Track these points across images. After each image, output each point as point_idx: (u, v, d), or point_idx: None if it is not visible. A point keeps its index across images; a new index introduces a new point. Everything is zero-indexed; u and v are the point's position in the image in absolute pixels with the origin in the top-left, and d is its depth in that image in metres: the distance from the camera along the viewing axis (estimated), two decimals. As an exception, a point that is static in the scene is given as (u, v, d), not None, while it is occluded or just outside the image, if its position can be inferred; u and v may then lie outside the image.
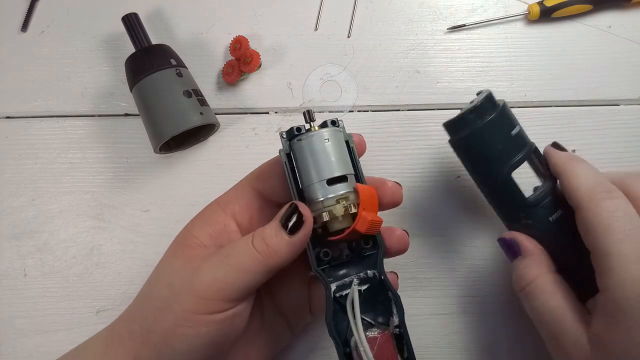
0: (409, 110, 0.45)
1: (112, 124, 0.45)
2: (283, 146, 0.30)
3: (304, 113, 0.30)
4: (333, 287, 0.30)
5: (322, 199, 0.29)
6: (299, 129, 0.30)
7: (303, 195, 0.30)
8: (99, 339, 0.31)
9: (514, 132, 0.32)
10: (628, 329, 0.25)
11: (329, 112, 0.45)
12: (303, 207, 0.28)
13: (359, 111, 0.45)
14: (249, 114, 0.45)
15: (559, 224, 0.31)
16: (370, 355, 0.27)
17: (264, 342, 0.34)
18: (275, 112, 0.45)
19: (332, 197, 0.29)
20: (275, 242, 0.28)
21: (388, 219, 0.33)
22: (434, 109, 0.45)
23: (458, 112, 0.33)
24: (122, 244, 0.43)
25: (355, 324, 0.27)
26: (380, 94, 0.45)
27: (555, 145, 0.34)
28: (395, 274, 0.34)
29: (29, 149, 0.45)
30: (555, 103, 0.45)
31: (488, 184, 0.34)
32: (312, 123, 0.30)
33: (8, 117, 0.46)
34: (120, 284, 0.42)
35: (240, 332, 0.30)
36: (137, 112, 0.43)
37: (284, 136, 0.30)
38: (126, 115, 0.46)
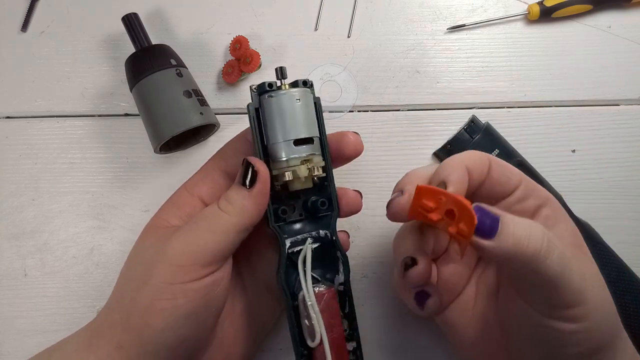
0: (409, 110, 0.45)
1: (112, 124, 0.45)
2: (252, 100, 0.30)
3: (276, 69, 0.30)
4: (287, 243, 0.30)
5: (286, 158, 0.29)
6: (270, 84, 0.30)
7: (267, 152, 0.30)
8: (82, 333, 0.31)
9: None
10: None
11: (329, 112, 0.45)
12: (256, 161, 0.29)
13: (359, 111, 0.45)
14: (249, 114, 0.45)
15: None
16: (317, 308, 0.28)
17: (252, 320, 0.34)
18: (275, 112, 0.45)
19: (297, 157, 0.29)
20: (237, 199, 0.29)
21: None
22: (434, 109, 0.45)
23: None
24: (123, 244, 0.43)
25: (306, 279, 0.29)
26: (380, 94, 0.45)
27: None
28: (347, 232, 0.35)
29: (29, 149, 0.45)
30: (555, 103, 0.45)
31: None
32: (283, 80, 0.30)
33: (8, 117, 0.46)
34: (121, 284, 0.42)
35: (222, 304, 0.30)
36: (137, 112, 0.43)
37: (255, 90, 0.30)
38: (126, 115, 0.46)
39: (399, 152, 0.44)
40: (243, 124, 0.45)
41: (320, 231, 0.31)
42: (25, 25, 0.47)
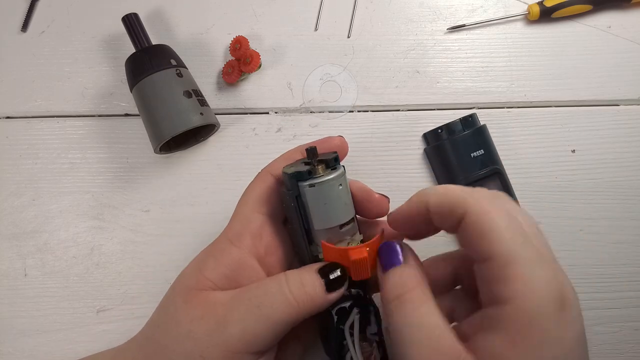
0: (408, 110, 0.45)
1: (112, 124, 0.45)
2: (289, 187, 0.29)
3: (307, 150, 0.29)
4: (334, 314, 0.30)
5: (335, 243, 0.29)
6: (309, 172, 0.28)
7: (310, 235, 0.30)
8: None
9: (475, 154, 0.41)
10: (541, 342, 0.21)
11: (329, 112, 0.45)
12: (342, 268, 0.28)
13: (359, 111, 0.45)
14: (249, 114, 0.45)
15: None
16: None
17: None
18: (275, 112, 0.45)
19: (344, 241, 0.29)
20: (315, 293, 0.27)
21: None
22: (434, 109, 0.45)
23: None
24: (123, 244, 0.43)
25: (355, 349, 0.28)
26: (380, 94, 0.45)
27: None
28: (387, 197, 0.32)
29: (29, 149, 0.45)
30: (555, 103, 0.45)
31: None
32: (314, 161, 0.29)
33: (8, 117, 0.46)
34: (121, 284, 0.42)
35: None
36: (137, 112, 0.43)
37: (292, 177, 0.28)
38: (126, 115, 0.46)
39: (399, 152, 0.44)
40: (243, 124, 0.45)
41: (352, 290, 0.30)
42: (25, 25, 0.47)
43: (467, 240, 0.24)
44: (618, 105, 0.45)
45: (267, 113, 0.45)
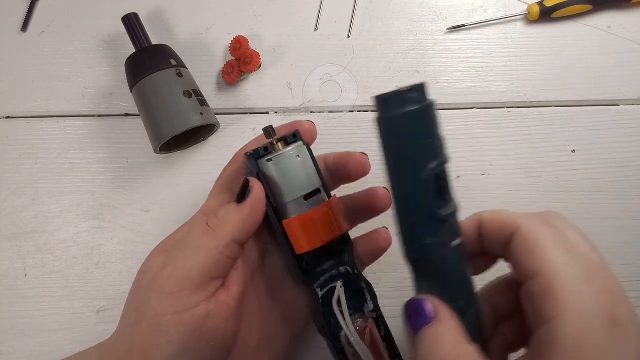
0: (408, 110, 0.45)
1: (112, 124, 0.45)
2: (250, 167, 0.30)
3: (264, 130, 0.30)
4: (318, 291, 0.30)
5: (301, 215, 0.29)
6: (265, 148, 0.30)
7: (279, 213, 0.30)
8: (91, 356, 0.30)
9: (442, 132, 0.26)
10: None
11: (329, 112, 0.45)
12: (253, 181, 0.29)
13: (359, 111, 0.45)
14: (249, 114, 0.45)
15: (457, 253, 0.26)
16: (365, 347, 0.28)
17: (267, 355, 0.32)
18: (275, 112, 0.45)
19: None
20: (224, 212, 0.28)
21: (385, 219, 0.33)
22: (434, 109, 0.45)
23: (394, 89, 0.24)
24: (123, 244, 0.43)
25: (346, 322, 0.29)
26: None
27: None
28: (387, 228, 0.34)
29: (29, 149, 0.45)
30: (555, 103, 0.45)
31: (406, 180, 0.27)
32: (273, 139, 0.30)
33: (8, 117, 0.46)
34: (121, 284, 0.42)
35: (224, 340, 0.28)
36: (137, 112, 0.43)
37: (251, 157, 0.30)
38: (126, 115, 0.46)
39: (399, 152, 0.44)
40: (243, 124, 0.45)
41: (340, 268, 0.31)
42: (25, 25, 0.47)
43: (516, 259, 0.24)
44: (618, 105, 0.45)
45: (267, 113, 0.45)
